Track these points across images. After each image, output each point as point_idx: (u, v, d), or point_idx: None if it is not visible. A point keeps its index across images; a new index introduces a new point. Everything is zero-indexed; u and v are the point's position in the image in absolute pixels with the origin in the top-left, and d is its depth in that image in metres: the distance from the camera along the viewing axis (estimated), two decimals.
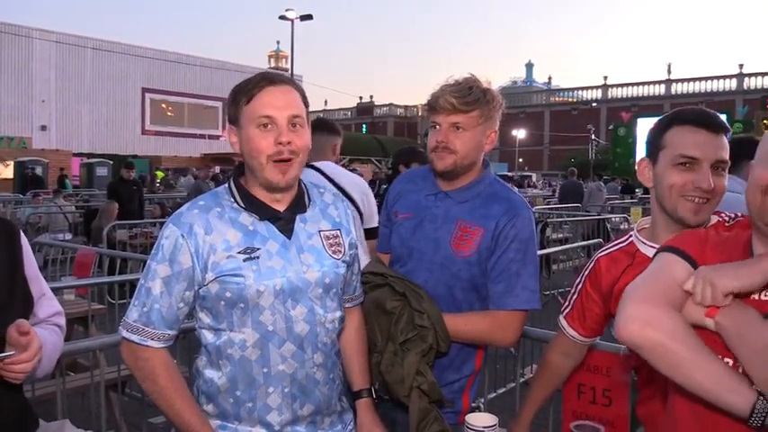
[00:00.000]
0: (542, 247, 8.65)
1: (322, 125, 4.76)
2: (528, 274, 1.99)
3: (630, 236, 1.82)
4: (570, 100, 64.59)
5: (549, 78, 74.56)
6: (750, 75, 52.82)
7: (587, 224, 11.20)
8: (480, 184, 2.08)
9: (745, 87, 51.69)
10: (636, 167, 1.79)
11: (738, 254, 1.36)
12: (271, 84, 1.63)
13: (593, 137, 44.58)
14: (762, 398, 1.14)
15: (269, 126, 1.61)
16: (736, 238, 1.43)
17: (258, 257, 1.63)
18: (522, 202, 2.10)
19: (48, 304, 1.79)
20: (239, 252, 1.62)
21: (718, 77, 54.62)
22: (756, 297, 1.26)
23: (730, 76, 53.58)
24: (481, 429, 1.83)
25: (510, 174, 34.02)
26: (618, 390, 2.06)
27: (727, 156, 1.62)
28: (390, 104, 73.99)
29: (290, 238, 1.69)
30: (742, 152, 2.87)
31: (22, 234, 1.75)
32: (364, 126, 60.36)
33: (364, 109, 75.20)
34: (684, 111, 1.69)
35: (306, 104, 1.69)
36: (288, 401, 1.66)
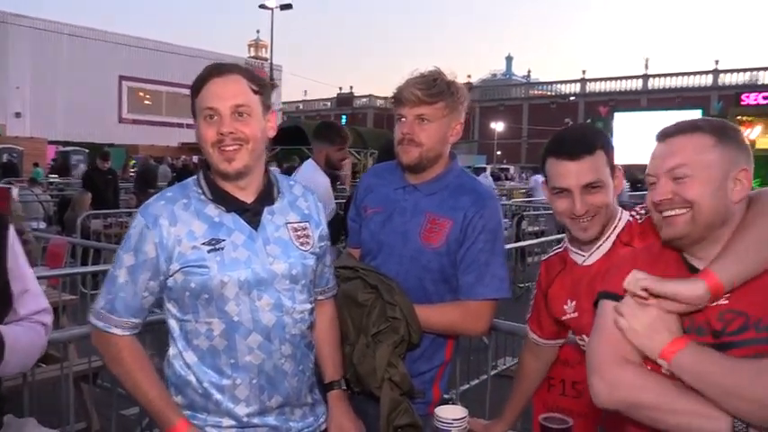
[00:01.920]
0: (518, 240, 8.74)
1: (315, 131, 4.73)
2: (497, 264, 2.04)
3: (565, 243, 1.90)
4: (549, 94, 64.89)
5: (529, 72, 74.75)
6: (725, 71, 53.54)
7: None
8: (447, 176, 2.10)
9: (720, 83, 52.36)
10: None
11: (674, 268, 1.42)
12: (217, 75, 1.65)
13: None
14: (737, 418, 1.20)
15: (214, 117, 1.63)
16: (665, 250, 1.48)
17: (222, 249, 1.64)
18: (489, 192, 2.14)
19: (33, 301, 1.75)
20: (204, 243, 1.63)
21: (693, 73, 55.22)
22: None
23: (706, 72, 54.24)
24: (450, 422, 1.84)
25: (487, 165, 34.17)
26: (587, 383, 2.08)
27: (596, 175, 1.68)
28: (370, 96, 73.75)
29: (256, 230, 1.69)
30: None
31: (11, 228, 1.72)
32: (344, 117, 60.04)
33: (344, 100, 74.87)
34: (553, 140, 1.76)
35: (260, 92, 1.69)
36: (255, 393, 1.67)
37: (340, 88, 77.68)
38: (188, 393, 1.68)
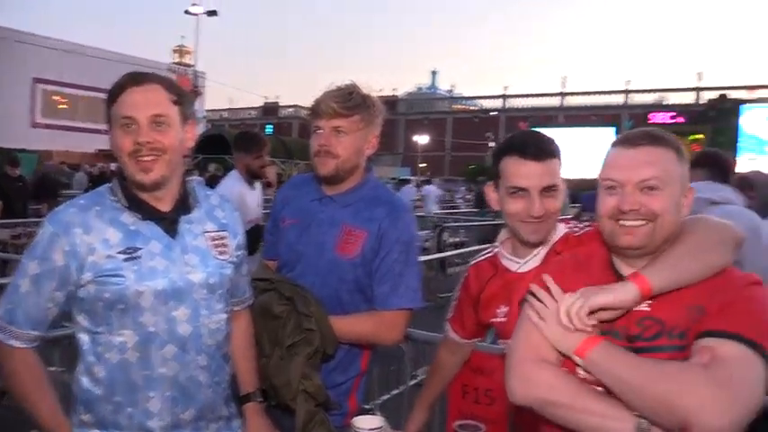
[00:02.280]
0: (439, 251, 8.90)
1: (233, 142, 4.81)
2: (411, 274, 2.08)
3: (495, 248, 1.94)
4: (472, 108, 66.49)
5: (453, 86, 76.48)
6: (635, 91, 56.43)
7: (483, 228, 11.58)
8: (363, 187, 2.14)
9: (631, 102, 55.09)
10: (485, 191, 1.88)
11: (599, 272, 1.47)
12: (135, 84, 1.62)
13: (491, 144, 46.21)
14: (641, 418, 1.26)
15: (131, 126, 1.60)
16: (594, 257, 1.53)
17: (139, 257, 1.60)
18: (403, 204, 2.20)
19: None
20: (119, 252, 1.59)
21: (606, 92, 57.94)
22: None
23: (618, 92, 57.01)
24: (367, 431, 1.86)
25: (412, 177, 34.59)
26: (499, 390, 2.16)
27: (554, 179, 1.73)
28: (296, 106, 73.23)
29: (174, 239, 1.67)
30: (701, 162, 3.17)
31: None
32: (269, 126, 59.43)
33: (270, 109, 74.07)
34: (514, 140, 1.78)
35: (179, 102, 1.67)
36: (169, 406, 1.63)
37: (266, 98, 76.84)
38: (97, 410, 1.62)
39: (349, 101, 2.03)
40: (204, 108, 44.61)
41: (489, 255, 1.97)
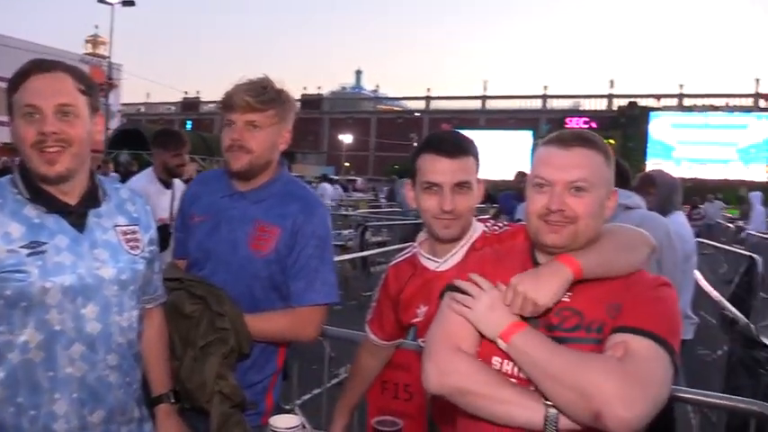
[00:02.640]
0: (362, 250, 8.92)
1: (152, 138, 4.67)
2: (326, 270, 2.07)
3: (414, 248, 1.95)
4: (396, 108, 67.01)
5: (377, 86, 76.85)
6: (552, 96, 58.32)
7: (405, 228, 11.69)
8: (276, 183, 2.11)
9: (548, 107, 56.91)
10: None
11: (520, 263, 1.51)
12: (39, 71, 1.54)
13: (415, 145, 46.63)
14: (550, 408, 1.29)
15: (35, 115, 1.51)
16: (515, 250, 1.58)
17: (44, 252, 1.52)
18: (317, 199, 2.18)
19: None
20: (22, 246, 1.51)
21: (525, 97, 59.65)
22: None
23: (536, 97, 58.80)
24: (284, 430, 1.84)
25: (336, 176, 34.51)
26: (418, 384, 2.18)
27: (467, 176, 1.77)
28: (217, 102, 71.32)
29: (82, 233, 1.59)
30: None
31: None
32: (189, 122, 57.82)
33: (190, 105, 72.05)
34: (431, 138, 1.84)
35: (88, 93, 1.60)
36: (76, 407, 1.56)
37: (186, 92, 74.81)
38: None
39: (263, 95, 1.99)
40: (120, 102, 42.84)
41: (408, 255, 1.98)
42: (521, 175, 7.48)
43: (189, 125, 55.72)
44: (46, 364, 1.53)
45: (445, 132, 1.89)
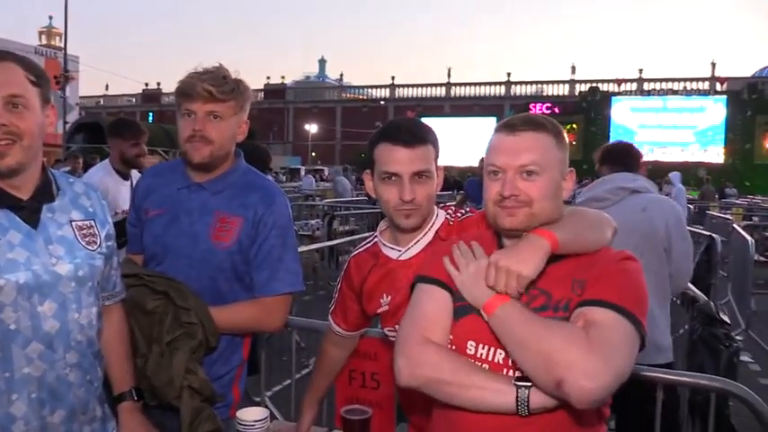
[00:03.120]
0: (329, 239, 8.90)
1: (108, 128, 4.52)
2: (290, 258, 2.06)
3: (375, 238, 1.94)
4: (361, 97, 66.77)
5: (341, 75, 76.44)
6: (516, 83, 58.82)
7: (374, 216, 11.69)
8: (234, 173, 2.08)
9: (512, 94, 57.38)
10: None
11: (488, 251, 1.50)
12: None
13: None
14: (520, 387, 1.30)
15: None
16: (482, 238, 1.58)
17: None
18: (277, 188, 2.16)
19: None
20: None
21: (489, 83, 60.01)
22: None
23: (499, 83, 59.23)
24: (251, 424, 1.83)
25: (309, 168, 34.27)
26: (385, 373, 2.18)
27: (426, 165, 1.74)
28: (174, 91, 70.31)
29: (36, 229, 1.54)
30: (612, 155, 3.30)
31: None
32: (150, 114, 56.83)
33: (150, 96, 70.76)
34: (388, 127, 1.80)
35: (38, 84, 1.55)
36: (35, 408, 1.51)
37: (146, 84, 73.43)
38: None
39: (225, 85, 1.96)
40: (78, 94, 41.85)
41: (369, 245, 1.96)
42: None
43: (150, 117, 54.77)
44: (1, 365, 1.48)
45: (402, 121, 1.83)
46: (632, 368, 1.30)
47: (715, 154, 38.91)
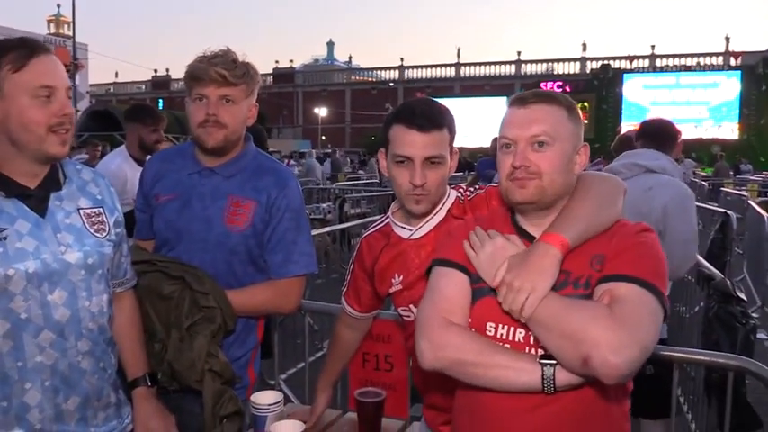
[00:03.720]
0: (341, 222, 8.90)
1: (126, 113, 4.45)
2: (303, 241, 2.08)
3: (387, 218, 1.92)
4: (370, 80, 66.50)
5: (350, 58, 76.11)
6: (526, 62, 58.31)
7: (384, 198, 11.68)
8: (245, 157, 2.09)
9: (523, 73, 56.93)
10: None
11: (501, 228, 1.50)
12: (44, 52, 1.51)
13: None
14: (546, 365, 1.29)
15: (50, 97, 1.49)
16: (495, 216, 1.57)
17: (5, 239, 1.47)
18: (288, 172, 2.17)
19: None
20: None
21: (499, 63, 59.55)
22: None
23: (510, 63, 58.71)
24: (266, 407, 1.83)
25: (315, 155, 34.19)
26: (398, 355, 2.19)
27: (439, 150, 1.70)
28: (185, 75, 70.11)
29: (44, 218, 1.54)
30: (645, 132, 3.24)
31: None
32: (160, 101, 56.87)
33: (160, 83, 70.84)
34: (404, 108, 1.77)
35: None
36: (49, 396, 1.53)
37: (155, 71, 73.46)
38: None
39: (236, 69, 1.96)
40: (88, 83, 41.96)
41: (381, 225, 1.95)
42: (496, 141, 7.48)
43: (161, 104, 54.85)
44: (14, 354, 1.49)
45: (418, 103, 1.78)
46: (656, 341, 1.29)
47: (729, 130, 38.47)
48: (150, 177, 2.16)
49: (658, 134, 3.39)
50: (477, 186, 1.87)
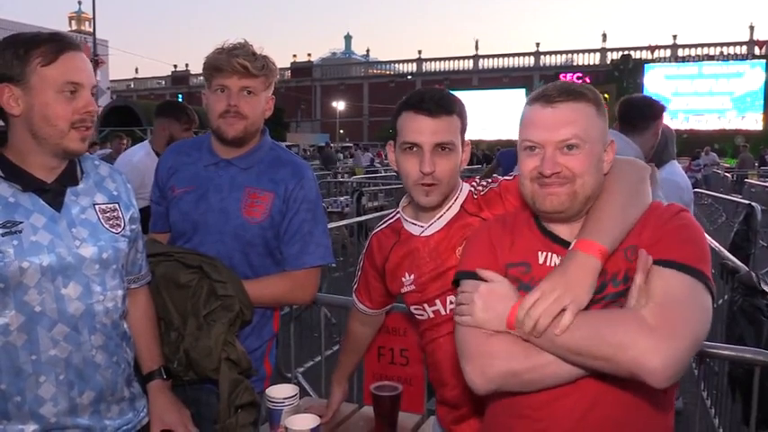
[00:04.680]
0: (359, 216, 8.89)
1: (159, 108, 4.39)
2: (320, 232, 2.07)
3: (397, 213, 1.84)
4: (388, 72, 66.38)
5: (368, 51, 76.02)
6: (545, 53, 57.84)
7: (401, 192, 11.65)
8: (262, 149, 2.08)
9: (542, 64, 56.47)
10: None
11: (528, 232, 1.44)
12: (75, 49, 1.53)
13: None
14: None
15: (75, 93, 1.51)
16: (517, 216, 1.50)
17: (20, 232, 1.47)
18: (304, 163, 2.15)
19: None
20: None
21: (518, 54, 59.09)
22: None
23: (528, 54, 58.25)
24: (281, 401, 1.82)
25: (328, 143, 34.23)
26: (414, 349, 2.16)
27: (449, 137, 1.62)
28: (206, 66, 70.39)
29: (59, 212, 1.54)
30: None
31: None
32: (180, 96, 57.27)
33: (179, 78, 71.35)
34: (412, 95, 1.69)
35: None
36: (64, 389, 1.52)
37: (175, 66, 74.01)
38: None
39: (256, 60, 1.96)
40: (108, 78, 42.33)
41: (391, 221, 1.87)
42: None
43: (180, 99, 55.21)
44: (28, 348, 1.49)
45: (427, 90, 1.70)
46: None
47: (753, 120, 37.84)
48: (165, 170, 2.15)
49: (630, 114, 3.18)
50: (489, 180, 1.78)
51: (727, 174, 17.16)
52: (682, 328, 1.17)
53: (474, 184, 1.76)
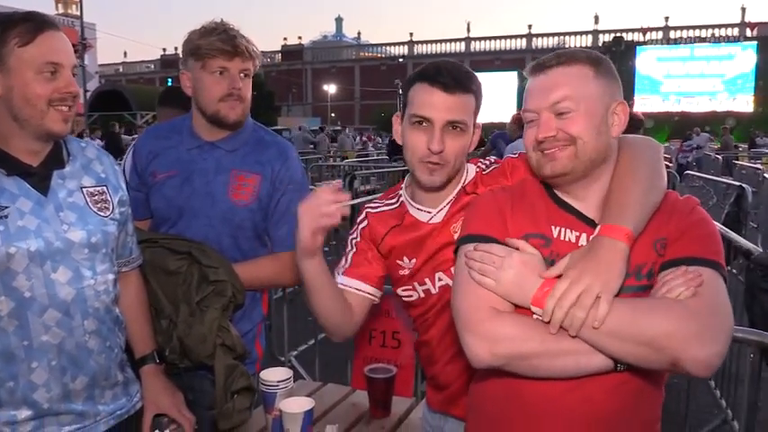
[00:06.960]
0: (351, 199, 8.88)
1: (163, 94, 4.22)
2: None
3: (400, 195, 1.74)
4: (379, 56, 66.03)
5: (359, 33, 75.46)
6: (537, 35, 57.66)
7: (394, 175, 11.63)
8: (245, 130, 2.06)
9: (534, 47, 56.30)
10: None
11: (540, 201, 1.39)
12: (52, 28, 1.49)
13: (400, 92, 45.99)
14: None
15: (55, 73, 1.48)
16: (528, 188, 1.44)
17: (6, 217, 1.45)
18: (288, 143, 2.14)
19: None
20: None
21: (510, 37, 58.89)
22: None
23: (520, 36, 58.06)
24: (275, 384, 1.82)
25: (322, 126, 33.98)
26: (406, 332, 2.16)
27: (462, 116, 1.54)
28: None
29: (46, 196, 1.52)
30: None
31: None
32: (170, 80, 56.78)
33: (169, 62, 70.58)
34: (428, 67, 1.59)
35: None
36: (56, 375, 1.52)
37: (164, 49, 73.23)
38: None
39: (250, 43, 1.95)
40: (96, 62, 41.83)
41: (395, 205, 1.73)
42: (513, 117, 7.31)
43: (170, 83, 54.70)
44: (20, 333, 1.48)
45: (446, 63, 1.59)
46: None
47: (744, 102, 37.93)
48: (144, 155, 2.10)
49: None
50: (493, 159, 1.71)
51: (717, 155, 17.21)
52: (721, 321, 1.17)
53: (480, 164, 1.69)
